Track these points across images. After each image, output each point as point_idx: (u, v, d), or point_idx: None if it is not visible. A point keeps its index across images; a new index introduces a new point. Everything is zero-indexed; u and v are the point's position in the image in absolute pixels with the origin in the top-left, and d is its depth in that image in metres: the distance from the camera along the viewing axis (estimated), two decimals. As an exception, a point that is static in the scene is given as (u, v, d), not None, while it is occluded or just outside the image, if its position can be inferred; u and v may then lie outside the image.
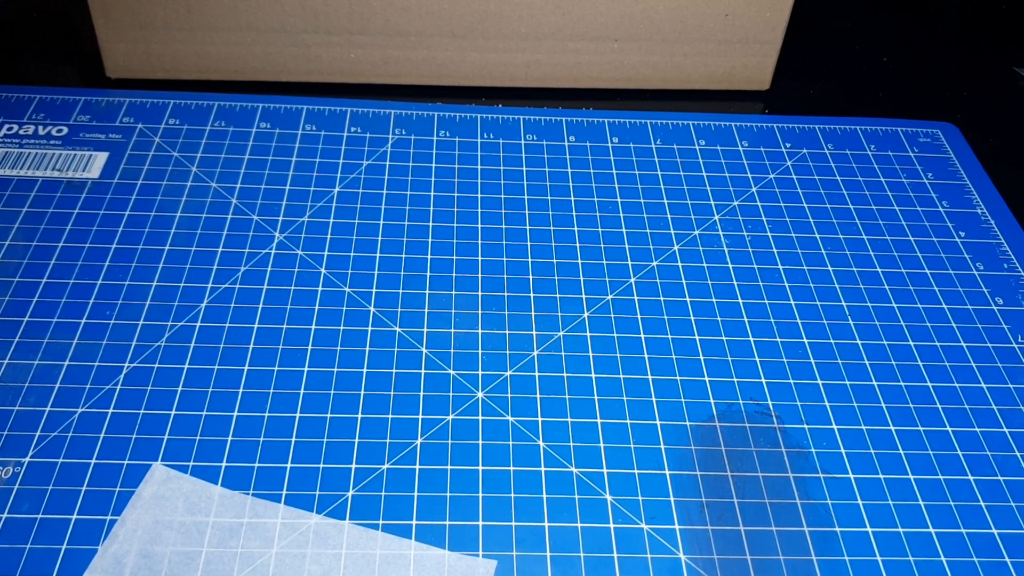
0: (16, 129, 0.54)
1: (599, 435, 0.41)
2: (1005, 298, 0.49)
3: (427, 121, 0.58)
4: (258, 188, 0.52)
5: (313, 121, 0.57)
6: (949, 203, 0.55)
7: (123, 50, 0.59)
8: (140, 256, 0.47)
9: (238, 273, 0.47)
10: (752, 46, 0.61)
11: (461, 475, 0.39)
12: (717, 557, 0.37)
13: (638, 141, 0.57)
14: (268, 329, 0.44)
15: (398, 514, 0.37)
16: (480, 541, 0.36)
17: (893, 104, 0.64)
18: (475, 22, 0.58)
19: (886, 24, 0.73)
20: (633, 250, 0.50)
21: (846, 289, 0.49)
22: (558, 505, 0.38)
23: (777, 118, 0.60)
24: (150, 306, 0.45)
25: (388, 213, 0.51)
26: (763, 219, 0.52)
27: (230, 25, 0.57)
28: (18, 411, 0.40)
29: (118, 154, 0.53)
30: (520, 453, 0.40)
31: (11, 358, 0.42)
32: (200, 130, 0.55)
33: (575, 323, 0.46)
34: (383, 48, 0.59)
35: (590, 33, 0.59)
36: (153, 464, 0.38)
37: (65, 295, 0.45)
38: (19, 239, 0.48)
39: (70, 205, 0.50)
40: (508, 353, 0.44)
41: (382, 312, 0.45)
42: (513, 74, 0.61)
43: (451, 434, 0.40)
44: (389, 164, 0.54)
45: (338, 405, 0.41)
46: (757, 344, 0.45)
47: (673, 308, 0.47)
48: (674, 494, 0.39)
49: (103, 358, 0.42)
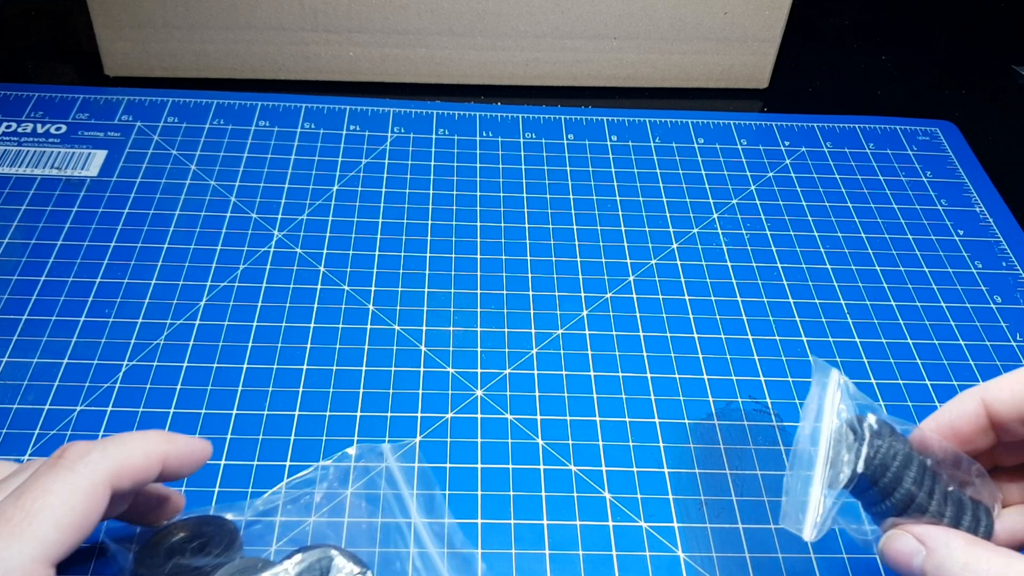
0: (15, 127, 0.54)
1: (598, 433, 0.41)
2: (1004, 296, 0.49)
3: (426, 119, 0.58)
4: (257, 186, 0.52)
5: (312, 119, 0.57)
6: (948, 201, 0.55)
7: (122, 48, 0.59)
8: (139, 254, 0.47)
9: (237, 271, 0.47)
10: (751, 44, 0.61)
11: (460, 473, 0.39)
12: (716, 555, 0.37)
13: (637, 139, 0.57)
14: (267, 327, 0.44)
15: (398, 512, 0.37)
16: (479, 538, 0.36)
17: (892, 102, 0.64)
18: (474, 20, 0.58)
19: (885, 22, 0.73)
20: (632, 248, 0.50)
21: (845, 287, 0.49)
22: (557, 503, 0.38)
23: (776, 116, 0.60)
24: (149, 304, 0.45)
25: (387, 211, 0.51)
26: (762, 217, 0.52)
27: (228, 23, 0.57)
28: (17, 409, 0.40)
29: (117, 152, 0.53)
30: (519, 451, 0.40)
31: (10, 356, 0.42)
32: (199, 128, 0.55)
33: (574, 321, 0.46)
34: (382, 46, 0.59)
35: (589, 31, 0.59)
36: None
37: (64, 293, 0.45)
38: (18, 237, 0.48)
39: (69, 203, 0.50)
40: (507, 351, 0.44)
41: (381, 310, 0.45)
42: (512, 72, 0.61)
43: (450, 432, 0.40)
44: (388, 162, 0.54)
45: (337, 403, 0.41)
46: (756, 342, 0.45)
47: (672, 306, 0.47)
48: (673, 492, 0.39)
49: (102, 356, 0.42)
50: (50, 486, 0.26)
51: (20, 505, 0.26)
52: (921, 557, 0.28)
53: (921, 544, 0.28)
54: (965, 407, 0.30)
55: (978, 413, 0.30)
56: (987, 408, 0.30)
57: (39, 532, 0.25)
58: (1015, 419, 0.30)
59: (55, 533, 0.26)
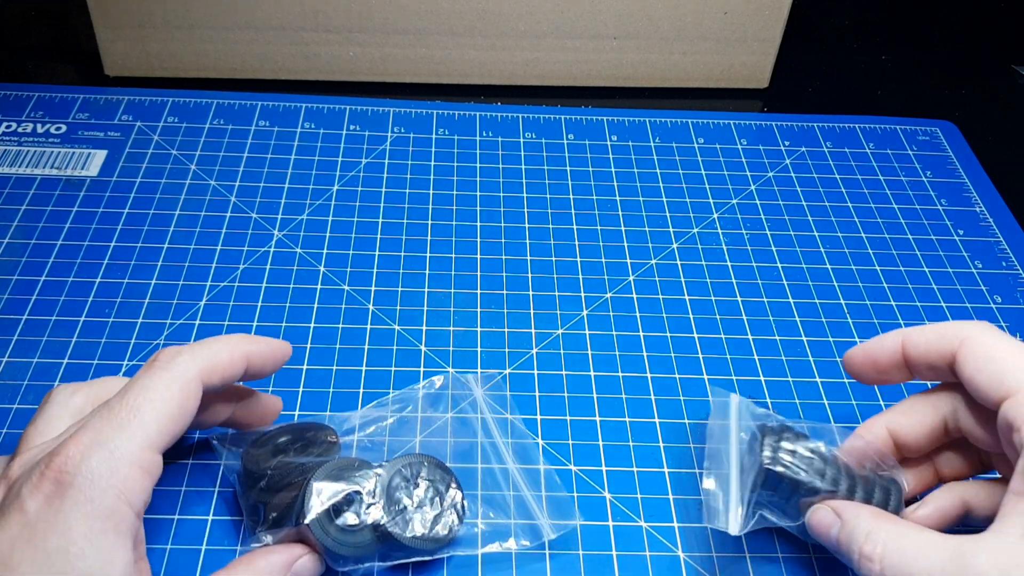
0: (15, 127, 0.54)
1: (598, 433, 0.41)
2: (1004, 296, 0.49)
3: (426, 119, 0.58)
4: (257, 186, 0.52)
5: (312, 119, 0.57)
6: (948, 201, 0.55)
7: (122, 48, 0.59)
8: (139, 254, 0.47)
9: (237, 271, 0.47)
10: (751, 44, 0.61)
11: (460, 472, 0.39)
12: (716, 555, 0.37)
13: (637, 139, 0.57)
14: (267, 327, 0.44)
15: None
16: (479, 538, 0.36)
17: (892, 102, 0.64)
18: (474, 20, 0.58)
19: (885, 22, 0.73)
20: (632, 248, 0.50)
21: (844, 287, 0.49)
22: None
23: (776, 116, 0.60)
24: (149, 304, 0.45)
25: (387, 211, 0.51)
26: (762, 217, 0.52)
27: (228, 23, 0.57)
28: (17, 409, 0.40)
29: (117, 152, 0.53)
30: (519, 451, 0.40)
31: (10, 356, 0.42)
32: (199, 128, 0.55)
33: (574, 321, 0.46)
34: (382, 46, 0.59)
35: (589, 31, 0.59)
36: None
37: (64, 293, 0.45)
38: (17, 237, 0.48)
39: (69, 203, 0.50)
40: (507, 351, 0.44)
41: (381, 310, 0.45)
42: (512, 72, 0.61)
43: (450, 432, 0.40)
44: (388, 162, 0.54)
45: (337, 403, 0.41)
46: (756, 342, 0.45)
47: (672, 306, 0.47)
48: (673, 492, 0.39)
49: (102, 356, 0.42)
50: (149, 383, 0.30)
51: (125, 402, 0.29)
52: (837, 527, 0.32)
53: (837, 516, 0.33)
54: (886, 343, 0.35)
55: (896, 351, 0.35)
56: (904, 349, 0.34)
57: (144, 422, 0.29)
58: (924, 364, 0.34)
59: (157, 423, 0.29)
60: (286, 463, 0.35)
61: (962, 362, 0.32)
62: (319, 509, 0.33)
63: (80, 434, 0.29)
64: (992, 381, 0.31)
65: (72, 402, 0.33)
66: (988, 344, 0.32)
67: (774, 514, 0.35)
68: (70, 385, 0.34)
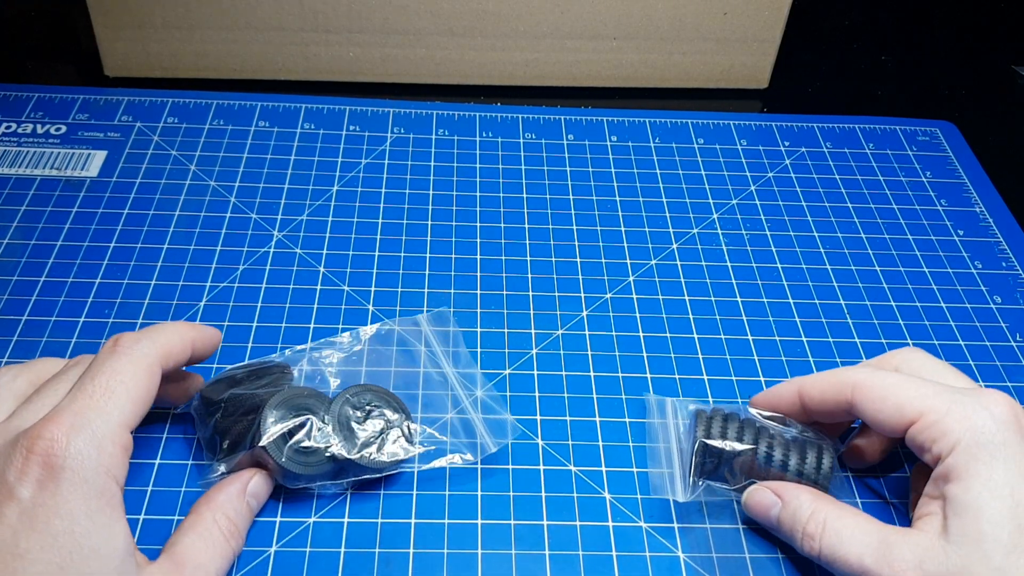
0: (15, 127, 0.54)
1: (598, 433, 0.41)
2: (1003, 296, 0.49)
3: (426, 120, 0.58)
4: (257, 187, 0.52)
5: (311, 120, 0.57)
6: (948, 201, 0.55)
7: (122, 49, 0.59)
8: (139, 255, 0.47)
9: (237, 271, 0.47)
10: (751, 44, 0.61)
11: (460, 473, 0.39)
12: (716, 555, 0.37)
13: (637, 139, 0.57)
14: (267, 328, 0.44)
15: (398, 512, 0.37)
16: (479, 538, 0.36)
17: (892, 103, 0.64)
18: (474, 21, 0.58)
19: (885, 23, 0.73)
20: (632, 248, 0.50)
21: (845, 287, 0.49)
22: (557, 503, 0.38)
23: (775, 116, 0.60)
24: (149, 304, 0.45)
25: (387, 212, 0.51)
26: (762, 217, 0.52)
27: (228, 24, 0.57)
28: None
29: (116, 153, 0.53)
30: (519, 451, 0.40)
31: (10, 356, 0.42)
32: (199, 128, 0.55)
33: (574, 321, 0.46)
34: (381, 47, 0.59)
35: (589, 32, 0.59)
36: None
37: (64, 293, 0.45)
38: (17, 238, 0.48)
39: (68, 204, 0.50)
40: (507, 351, 0.44)
41: (381, 310, 0.45)
42: (512, 73, 0.61)
43: (450, 432, 0.40)
44: (388, 163, 0.54)
45: (337, 403, 0.41)
46: (756, 343, 0.45)
47: (672, 307, 0.47)
48: (673, 492, 0.39)
49: (102, 356, 0.42)
50: (118, 366, 0.32)
51: (98, 384, 0.31)
52: (777, 508, 0.35)
53: (777, 497, 0.36)
54: (783, 393, 0.38)
55: (793, 401, 0.38)
56: (801, 400, 0.37)
57: (120, 403, 0.31)
58: (820, 413, 0.37)
59: (131, 404, 0.31)
60: (240, 394, 0.37)
61: (861, 407, 0.35)
62: (275, 432, 0.35)
63: (59, 417, 0.30)
64: (892, 417, 0.34)
65: (15, 385, 0.34)
66: (878, 385, 0.35)
67: (716, 481, 0.37)
68: (11, 368, 0.35)
